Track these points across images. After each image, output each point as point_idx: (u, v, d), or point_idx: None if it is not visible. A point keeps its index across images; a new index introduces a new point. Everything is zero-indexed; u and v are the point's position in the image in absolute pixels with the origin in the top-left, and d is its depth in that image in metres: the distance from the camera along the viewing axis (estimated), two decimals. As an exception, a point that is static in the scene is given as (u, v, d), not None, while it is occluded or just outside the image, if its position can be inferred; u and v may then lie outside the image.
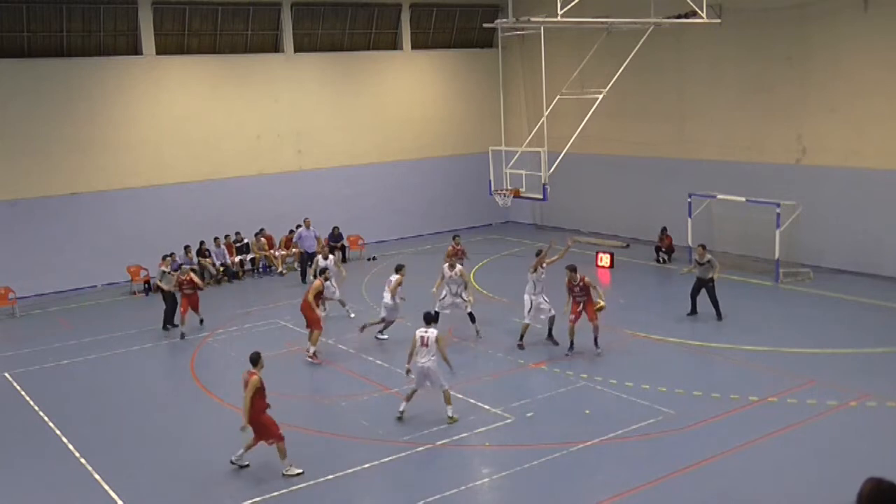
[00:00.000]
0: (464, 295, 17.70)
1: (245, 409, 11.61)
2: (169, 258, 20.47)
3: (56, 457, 12.91)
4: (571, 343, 16.29)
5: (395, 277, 17.59)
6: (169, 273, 19.79)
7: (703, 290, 18.29)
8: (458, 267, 17.87)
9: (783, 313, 19.03)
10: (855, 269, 21.58)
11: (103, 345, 18.72)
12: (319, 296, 17.18)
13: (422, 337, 13.29)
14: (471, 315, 17.72)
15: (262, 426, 11.77)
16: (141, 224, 24.63)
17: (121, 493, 11.52)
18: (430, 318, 13.62)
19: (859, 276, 21.27)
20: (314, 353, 16.72)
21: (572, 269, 16.29)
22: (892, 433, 12.42)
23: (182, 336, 18.63)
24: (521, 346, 16.85)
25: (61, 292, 23.69)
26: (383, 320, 17.77)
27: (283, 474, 11.74)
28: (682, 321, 18.42)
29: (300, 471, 11.76)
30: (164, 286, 19.65)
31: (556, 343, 16.83)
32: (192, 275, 19.03)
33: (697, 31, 23.49)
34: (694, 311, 18.60)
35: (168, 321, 19.64)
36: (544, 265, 16.83)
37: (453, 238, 21.50)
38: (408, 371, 13.54)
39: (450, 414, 13.30)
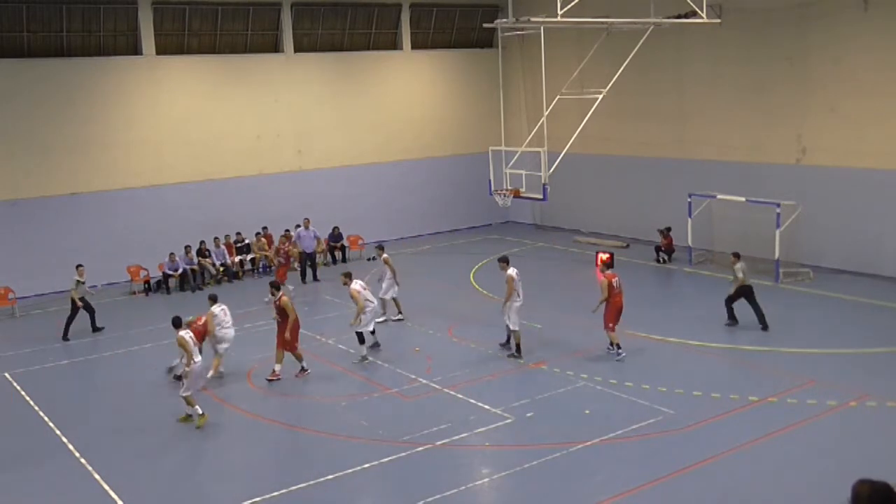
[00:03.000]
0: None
1: None
2: (82, 267, 19.99)
3: (56, 457, 12.91)
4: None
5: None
6: (83, 283, 19.72)
7: (743, 298, 17.34)
8: (356, 284, 16.58)
9: (783, 313, 19.02)
10: (855, 269, 21.58)
11: (103, 345, 18.73)
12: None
13: (192, 339, 13.90)
14: (358, 336, 16.56)
15: None
16: (141, 224, 24.64)
17: (121, 493, 11.52)
18: (178, 323, 14.12)
19: (859, 276, 21.27)
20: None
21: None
22: (892, 433, 12.42)
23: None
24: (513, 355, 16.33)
25: (61, 292, 23.64)
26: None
27: None
28: (681, 321, 18.41)
29: None
30: (76, 296, 19.47)
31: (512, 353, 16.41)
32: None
33: (697, 31, 23.49)
34: (758, 320, 17.46)
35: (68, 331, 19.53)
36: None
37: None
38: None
39: (186, 415, 13.89)
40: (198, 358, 13.83)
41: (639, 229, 26.97)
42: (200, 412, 13.72)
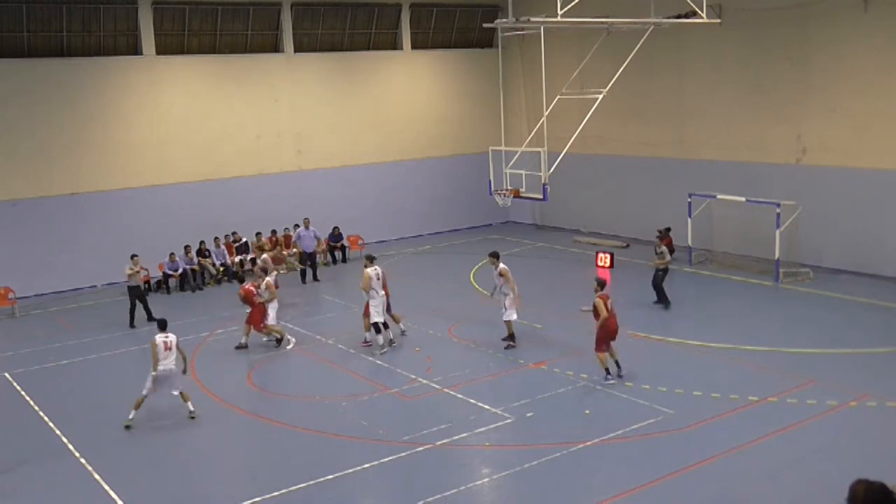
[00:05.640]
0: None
1: None
2: (137, 257, 20.57)
3: (56, 457, 12.91)
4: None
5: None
6: (137, 272, 20.18)
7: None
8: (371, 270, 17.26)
9: (783, 313, 19.04)
10: (855, 269, 21.58)
11: (103, 345, 18.73)
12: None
13: (164, 342, 13.85)
14: (374, 326, 17.13)
15: None
16: (141, 224, 24.63)
17: (121, 493, 11.52)
18: (165, 324, 14.27)
19: (859, 276, 21.27)
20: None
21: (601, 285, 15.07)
22: (892, 433, 12.43)
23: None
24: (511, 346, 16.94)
25: (61, 292, 23.70)
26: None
27: None
28: (681, 321, 18.45)
29: None
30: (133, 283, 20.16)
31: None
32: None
33: (697, 31, 23.48)
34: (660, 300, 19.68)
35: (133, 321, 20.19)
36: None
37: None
38: (155, 378, 13.92)
39: (191, 409, 14.03)
40: (160, 366, 13.75)
41: (639, 229, 26.96)
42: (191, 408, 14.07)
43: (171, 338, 14.00)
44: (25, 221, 23.24)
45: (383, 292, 17.16)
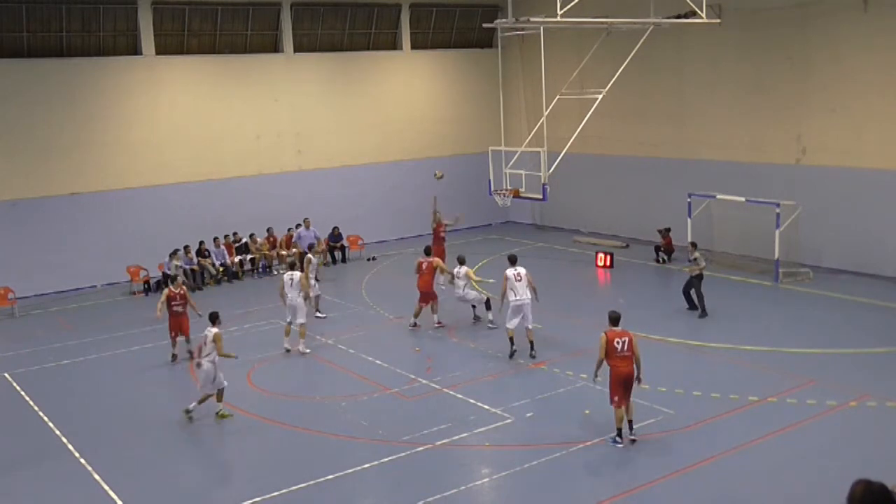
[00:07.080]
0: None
1: None
2: (179, 252, 21.19)
3: (56, 457, 12.91)
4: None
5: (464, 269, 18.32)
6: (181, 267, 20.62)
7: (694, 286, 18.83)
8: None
9: (783, 313, 19.04)
10: (855, 269, 21.58)
11: (103, 345, 18.73)
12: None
13: (205, 335, 13.87)
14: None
15: None
16: (141, 224, 24.64)
17: (121, 493, 11.52)
18: (212, 317, 14.14)
19: (859, 276, 21.27)
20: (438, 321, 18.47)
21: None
22: (892, 433, 12.42)
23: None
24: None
25: (61, 292, 23.69)
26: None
27: None
28: (682, 321, 18.44)
29: None
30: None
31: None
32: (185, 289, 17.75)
33: (697, 31, 23.48)
34: (692, 307, 18.98)
35: None
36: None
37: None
38: (199, 364, 13.91)
39: (189, 408, 13.89)
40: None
41: (639, 229, 26.96)
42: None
43: (208, 332, 13.93)
44: (25, 221, 23.24)
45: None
